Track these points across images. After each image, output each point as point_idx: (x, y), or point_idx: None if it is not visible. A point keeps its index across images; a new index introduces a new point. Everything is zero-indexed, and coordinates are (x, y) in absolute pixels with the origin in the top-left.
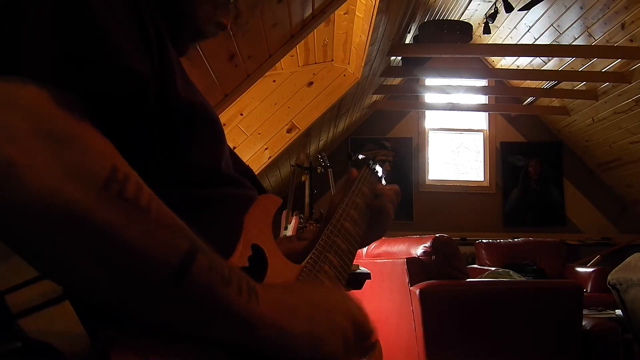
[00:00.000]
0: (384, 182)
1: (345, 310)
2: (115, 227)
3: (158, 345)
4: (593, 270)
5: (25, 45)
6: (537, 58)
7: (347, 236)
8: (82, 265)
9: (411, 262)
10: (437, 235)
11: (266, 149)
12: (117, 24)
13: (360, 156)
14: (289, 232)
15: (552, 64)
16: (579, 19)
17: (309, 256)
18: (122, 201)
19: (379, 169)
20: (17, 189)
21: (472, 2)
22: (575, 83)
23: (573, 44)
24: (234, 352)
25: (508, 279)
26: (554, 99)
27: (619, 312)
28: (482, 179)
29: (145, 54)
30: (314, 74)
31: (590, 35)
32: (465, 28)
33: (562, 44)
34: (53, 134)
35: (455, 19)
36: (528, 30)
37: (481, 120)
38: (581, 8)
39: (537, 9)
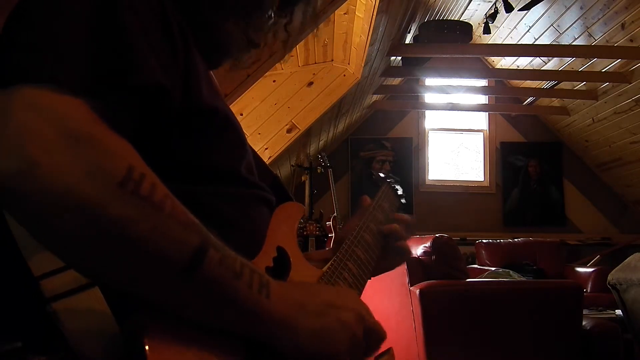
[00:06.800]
0: (403, 200)
1: (353, 309)
2: (128, 222)
3: (185, 332)
4: (593, 270)
5: (60, 54)
6: (537, 58)
7: (367, 248)
8: (98, 257)
9: (411, 262)
10: (437, 235)
11: (266, 149)
12: (144, 39)
13: (381, 174)
14: None
15: (552, 64)
16: (579, 19)
17: (330, 262)
18: (136, 198)
19: (399, 187)
20: (38, 186)
21: (472, 2)
22: (575, 83)
23: (573, 44)
24: (251, 343)
25: (508, 279)
26: (554, 99)
27: (619, 312)
28: (482, 179)
29: (171, 64)
30: (314, 74)
31: (590, 35)
32: (465, 28)
33: (562, 44)
34: (75, 136)
35: (455, 19)
36: (528, 30)
37: (481, 120)
38: (581, 8)
39: (537, 9)
